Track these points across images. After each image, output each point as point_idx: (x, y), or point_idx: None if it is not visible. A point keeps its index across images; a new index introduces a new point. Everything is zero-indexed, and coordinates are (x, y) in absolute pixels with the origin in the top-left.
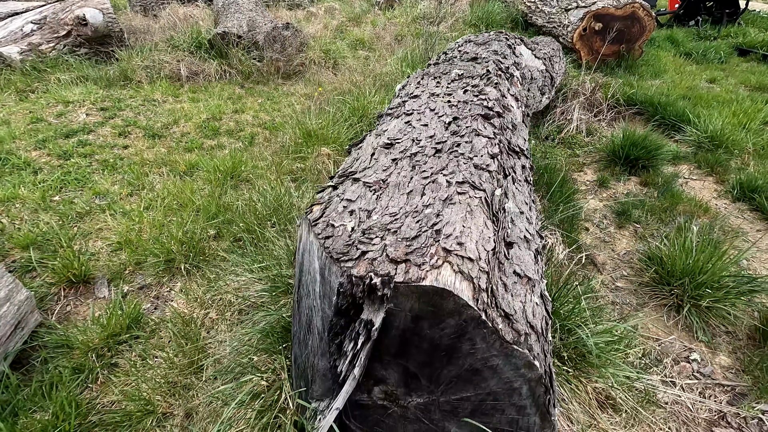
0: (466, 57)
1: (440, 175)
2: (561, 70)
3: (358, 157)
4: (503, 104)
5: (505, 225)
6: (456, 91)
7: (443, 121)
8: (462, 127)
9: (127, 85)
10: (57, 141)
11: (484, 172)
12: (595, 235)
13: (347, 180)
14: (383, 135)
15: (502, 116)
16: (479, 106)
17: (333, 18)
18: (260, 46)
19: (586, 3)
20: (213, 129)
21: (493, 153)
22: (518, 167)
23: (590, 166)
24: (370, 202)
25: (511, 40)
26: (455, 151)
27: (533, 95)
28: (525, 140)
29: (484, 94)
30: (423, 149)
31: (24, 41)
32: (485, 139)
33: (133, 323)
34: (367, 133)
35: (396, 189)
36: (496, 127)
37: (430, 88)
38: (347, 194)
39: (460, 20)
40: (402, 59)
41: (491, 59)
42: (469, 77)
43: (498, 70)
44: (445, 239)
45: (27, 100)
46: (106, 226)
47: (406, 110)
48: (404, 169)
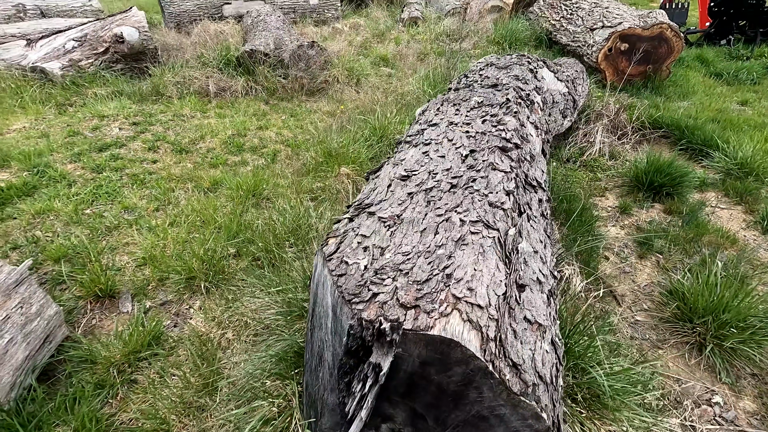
0: (486, 83)
1: (454, 213)
2: (584, 92)
3: (375, 187)
4: (522, 134)
5: (517, 267)
6: (475, 120)
7: (460, 154)
8: (479, 161)
9: (159, 100)
10: (91, 154)
11: (498, 210)
12: (615, 264)
13: (363, 212)
14: (400, 165)
15: (520, 147)
16: (497, 137)
17: (358, 34)
18: (285, 63)
19: (612, 23)
20: (237, 145)
21: (508, 189)
22: (534, 202)
23: (612, 191)
24: (384, 239)
25: (534, 64)
26: (470, 186)
27: (554, 119)
28: (543, 172)
29: (503, 124)
30: (439, 184)
31: (65, 57)
32: (501, 174)
33: (153, 340)
34: (385, 161)
35: (410, 226)
36: (513, 160)
37: (449, 116)
38: (362, 229)
39: (484, 38)
40: (423, 78)
41: (512, 86)
42: (489, 105)
43: (518, 97)
44: (455, 284)
45: (65, 113)
46: (133, 241)
47: (425, 139)
48: (419, 204)
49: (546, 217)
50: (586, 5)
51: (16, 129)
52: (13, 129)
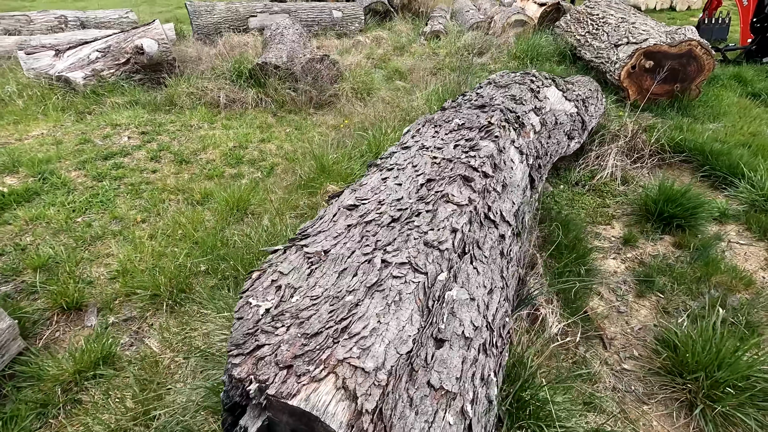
0: (476, 103)
1: (381, 252)
2: (598, 112)
3: (324, 214)
4: (497, 161)
5: (439, 318)
6: (448, 145)
7: (417, 183)
8: (431, 192)
9: (171, 110)
10: (96, 162)
11: (434, 251)
12: (609, 302)
13: (296, 244)
14: (357, 191)
15: (489, 177)
16: (464, 165)
17: (379, 47)
18: (296, 76)
19: (637, 39)
20: (237, 157)
21: (455, 226)
22: (489, 240)
23: (619, 219)
24: (301, 278)
25: (538, 83)
26: (411, 221)
27: (557, 141)
28: (515, 203)
29: (476, 149)
30: (381, 216)
31: (89, 67)
32: (452, 208)
33: (105, 359)
34: (347, 186)
35: (332, 264)
36: (475, 190)
37: (425, 138)
38: (284, 264)
39: (505, 52)
40: (432, 93)
41: (501, 107)
42: (468, 128)
43: (504, 120)
44: (347, 340)
45: (82, 121)
46: (112, 252)
47: (390, 164)
48: (353, 239)
49: (506, 256)
50: (613, 20)
51: (35, 135)
52: (32, 135)
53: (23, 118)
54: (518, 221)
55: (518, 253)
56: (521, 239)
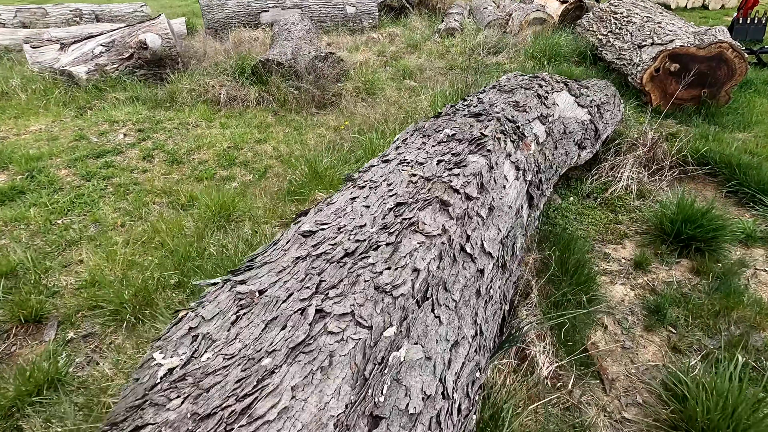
0: (473, 110)
1: (320, 298)
2: (614, 119)
3: (278, 240)
4: (486, 180)
5: (378, 389)
6: (432, 160)
7: (386, 206)
8: (399, 219)
9: (172, 107)
10: (87, 161)
11: (385, 297)
12: (613, 336)
13: (234, 279)
14: (320, 213)
15: (472, 199)
16: (444, 185)
17: (392, 44)
18: (300, 74)
19: (662, 40)
20: (230, 159)
21: (418, 264)
22: (461, 279)
23: (632, 238)
24: (224, 326)
25: (547, 87)
26: (366, 257)
27: (565, 151)
28: (503, 229)
29: (462, 166)
30: (335, 248)
31: (92, 62)
32: (420, 239)
33: (54, 380)
34: (314, 205)
35: (263, 310)
36: (452, 216)
37: (410, 150)
38: (209, 307)
39: (521, 52)
40: (439, 94)
41: (500, 116)
42: (458, 140)
43: (500, 131)
44: (248, 424)
45: (82, 116)
46: (86, 258)
47: (364, 181)
48: (296, 277)
49: (485, 294)
50: (638, 19)
51: (33, 131)
52: (30, 130)
53: (24, 112)
54: (506, 249)
55: (503, 286)
56: (508, 269)
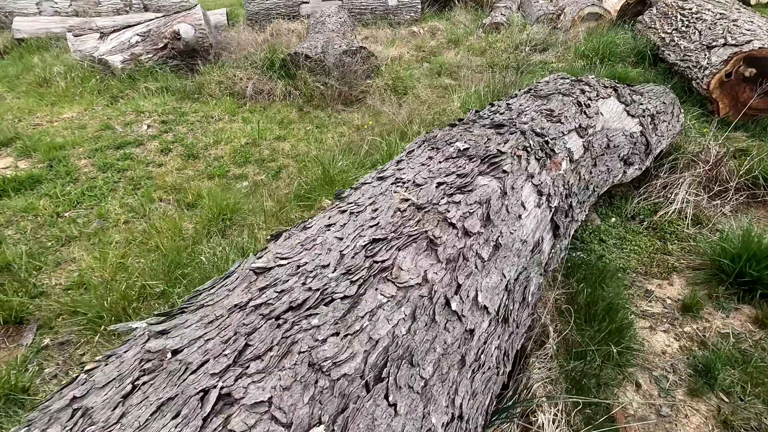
0: (496, 119)
1: (231, 374)
2: (671, 131)
3: (232, 273)
4: (496, 209)
5: None
6: (432, 181)
7: (362, 240)
8: (370, 260)
9: (199, 99)
10: (107, 152)
11: (321, 379)
12: (648, 396)
13: (153, 329)
14: (287, 242)
15: (472, 234)
16: (438, 217)
17: (433, 38)
18: (328, 69)
19: (737, 41)
20: (246, 156)
21: (379, 330)
22: (438, 346)
23: (682, 273)
24: (111, 402)
25: (591, 93)
26: (311, 316)
27: (607, 168)
28: (509, 274)
29: (467, 191)
30: (279, 297)
31: (128, 51)
32: (391, 292)
33: (18, 391)
34: (290, 229)
35: (164, 382)
36: (440, 259)
37: (412, 165)
38: (107, 369)
39: (572, 49)
40: (473, 95)
41: (525, 127)
42: (469, 157)
43: (522, 147)
44: None
45: (113, 106)
46: (80, 257)
47: (348, 203)
48: (223, 334)
49: (473, 362)
50: (709, 16)
51: (65, 118)
52: (63, 117)
53: (61, 99)
54: (513, 297)
55: (505, 344)
56: (515, 321)
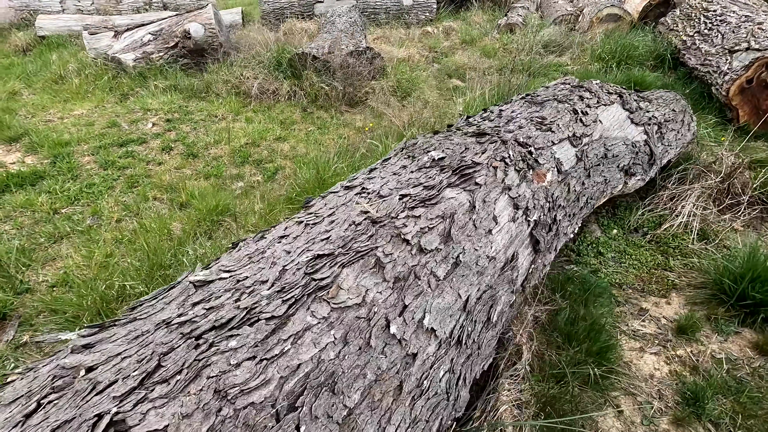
0: (480, 127)
1: (134, 397)
2: (680, 140)
3: (177, 283)
4: (461, 224)
5: None
6: (397, 192)
7: (308, 254)
8: (309, 277)
9: (206, 98)
10: (110, 149)
11: (225, 407)
12: (630, 424)
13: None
14: (238, 252)
15: (428, 252)
16: (392, 231)
17: (447, 39)
18: (333, 69)
19: (761, 44)
20: (244, 156)
21: (301, 354)
22: (369, 372)
23: (682, 291)
24: (11, 422)
25: (591, 100)
26: (232, 337)
27: (604, 179)
28: (464, 294)
29: (430, 204)
30: (207, 315)
31: (140, 49)
32: (323, 313)
33: None
34: (247, 238)
35: (68, 403)
36: (387, 278)
37: (384, 174)
38: (18, 385)
39: (588, 52)
40: (478, 98)
41: (507, 137)
42: (441, 167)
43: (501, 157)
44: None
45: (122, 103)
46: (69, 254)
47: (308, 214)
48: (142, 351)
49: (410, 390)
50: (734, 19)
51: (76, 115)
52: (74, 114)
53: (73, 96)
54: (472, 318)
55: (462, 367)
56: (476, 342)
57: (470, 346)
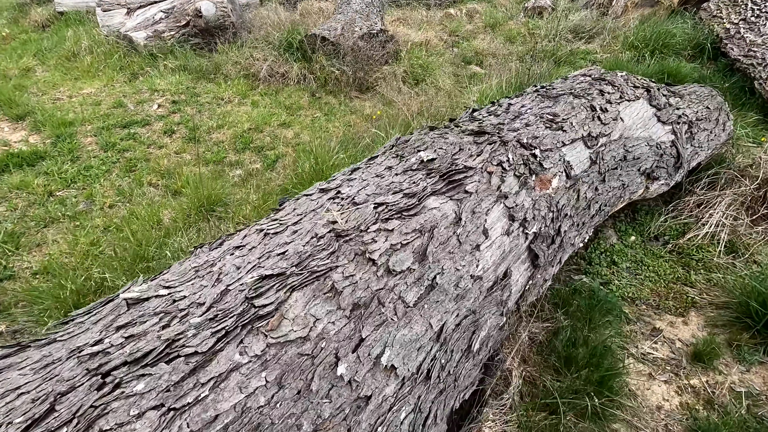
0: (482, 124)
1: None
2: (713, 141)
3: (114, 297)
4: (440, 239)
5: None
6: (373, 199)
7: (256, 273)
8: (251, 302)
9: (214, 79)
10: (113, 130)
11: None
12: None
13: None
14: (185, 264)
15: (397, 273)
16: (356, 248)
17: (470, 22)
18: (344, 52)
19: None
20: (246, 142)
21: (220, 407)
22: (306, 422)
23: (702, 311)
24: None
25: (613, 95)
26: (144, 376)
27: (622, 184)
28: (437, 324)
29: (408, 216)
30: (123, 346)
31: (152, 28)
32: (259, 349)
33: None
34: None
35: None
36: (342, 306)
37: (365, 177)
38: None
39: (620, 39)
40: (495, 87)
41: (507, 139)
42: (429, 171)
43: (498, 162)
44: None
45: (130, 83)
46: (55, 241)
47: (269, 222)
48: (46, 383)
49: None
50: None
51: (84, 93)
52: (82, 93)
53: (84, 74)
54: (449, 347)
55: (432, 405)
56: (452, 375)
57: (444, 379)
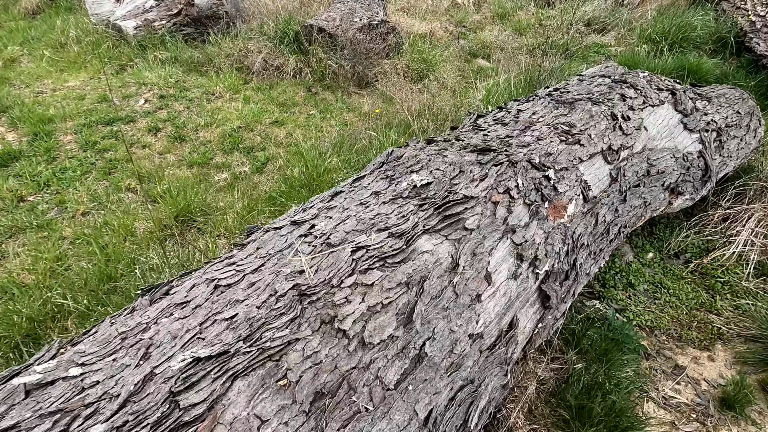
0: (486, 138)
1: None
2: (743, 149)
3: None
4: (432, 294)
5: None
6: (352, 238)
7: (188, 353)
8: (157, 413)
9: (206, 72)
10: (96, 127)
11: None
12: None
13: None
14: (113, 326)
15: (372, 347)
16: (321, 314)
17: (478, 12)
18: (342, 45)
19: None
20: (234, 142)
21: None
22: None
23: (730, 344)
24: None
25: (636, 100)
26: None
27: (644, 202)
28: (422, 410)
29: (392, 264)
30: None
31: (142, 16)
32: None
33: None
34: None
35: None
36: (298, 400)
37: (348, 205)
38: None
39: (636, 31)
40: (502, 84)
41: (516, 159)
42: (422, 201)
43: (505, 189)
44: None
45: (118, 75)
46: (16, 254)
47: (226, 267)
48: None
49: None
50: None
51: (69, 86)
52: (67, 86)
53: (70, 66)
54: (439, 429)
55: None
56: None
57: None
